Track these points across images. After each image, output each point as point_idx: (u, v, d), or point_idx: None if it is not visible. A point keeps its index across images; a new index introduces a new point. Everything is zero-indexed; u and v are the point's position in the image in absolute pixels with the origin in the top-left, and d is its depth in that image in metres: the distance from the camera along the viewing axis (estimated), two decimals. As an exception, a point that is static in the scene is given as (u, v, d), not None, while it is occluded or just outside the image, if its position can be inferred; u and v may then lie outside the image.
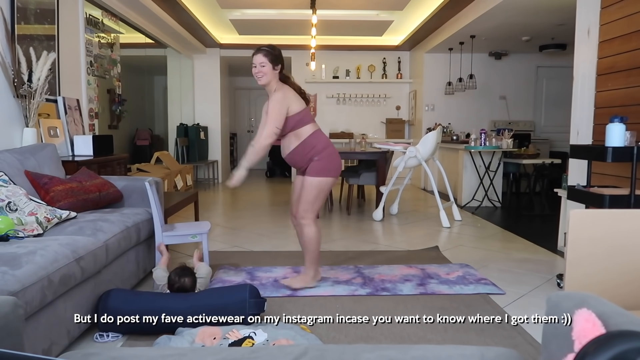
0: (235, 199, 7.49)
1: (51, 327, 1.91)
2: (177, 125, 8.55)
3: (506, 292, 2.89)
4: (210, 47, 8.54)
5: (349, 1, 6.19)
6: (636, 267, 1.59)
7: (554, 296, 1.10)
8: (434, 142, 5.23)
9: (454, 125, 8.13)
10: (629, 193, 2.65)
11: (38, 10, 3.62)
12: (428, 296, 2.82)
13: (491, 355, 0.92)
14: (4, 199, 2.33)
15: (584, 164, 3.14)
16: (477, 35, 6.74)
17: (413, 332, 2.31)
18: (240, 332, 2.09)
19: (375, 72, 8.88)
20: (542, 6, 5.17)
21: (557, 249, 3.88)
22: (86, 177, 3.05)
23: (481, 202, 6.04)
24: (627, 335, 0.76)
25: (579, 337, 0.85)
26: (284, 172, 10.29)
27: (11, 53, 3.20)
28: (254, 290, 2.32)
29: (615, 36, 3.29)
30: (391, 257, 3.68)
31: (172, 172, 6.46)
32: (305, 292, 2.87)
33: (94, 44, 4.88)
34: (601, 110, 3.46)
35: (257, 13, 6.76)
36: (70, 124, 3.98)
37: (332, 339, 2.23)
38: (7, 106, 3.19)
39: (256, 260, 3.60)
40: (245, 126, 11.98)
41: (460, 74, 7.68)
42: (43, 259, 1.88)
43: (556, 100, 8.10)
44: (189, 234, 2.99)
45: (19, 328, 1.12)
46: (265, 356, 0.93)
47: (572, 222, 1.61)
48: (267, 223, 5.15)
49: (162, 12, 6.05)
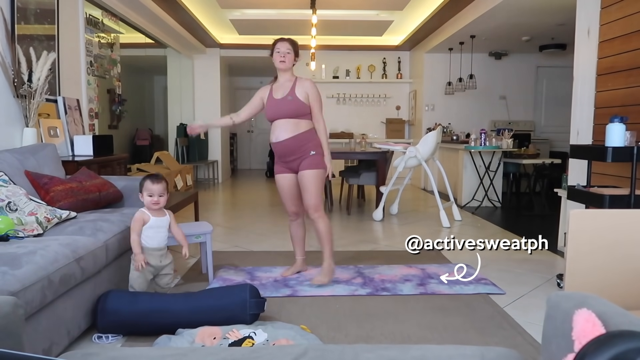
0: (235, 199, 7.49)
1: (51, 327, 1.91)
2: (177, 125, 8.55)
3: (506, 292, 2.89)
4: (210, 47, 8.53)
5: (349, 1, 6.19)
6: (636, 267, 1.59)
7: (554, 296, 1.10)
8: (434, 142, 5.23)
9: (454, 125, 8.12)
10: (629, 193, 2.65)
11: (38, 10, 3.62)
12: (428, 296, 2.82)
13: (491, 355, 0.92)
14: (4, 199, 2.33)
15: (584, 164, 3.13)
16: (477, 35, 6.74)
17: (413, 332, 2.31)
18: (240, 332, 2.09)
19: (375, 72, 8.89)
20: (542, 6, 5.17)
21: (557, 249, 3.88)
22: (86, 177, 3.05)
23: (481, 202, 6.04)
24: (627, 335, 0.76)
25: (579, 337, 0.85)
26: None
27: (11, 53, 3.20)
28: (254, 290, 2.32)
29: (615, 36, 3.29)
30: (391, 257, 3.69)
31: (172, 172, 6.45)
32: (305, 292, 2.87)
33: (94, 44, 4.88)
34: (601, 110, 3.46)
35: (257, 13, 6.76)
36: (70, 124, 3.98)
37: (332, 339, 2.22)
38: (7, 106, 3.19)
39: (256, 260, 3.60)
40: (245, 126, 11.97)
41: (460, 74, 7.68)
42: (43, 259, 1.88)
43: (556, 100, 8.10)
44: (192, 235, 2.98)
45: (19, 328, 1.12)
46: (265, 356, 0.93)
47: (572, 222, 1.61)
48: (267, 223, 5.15)
49: (162, 12, 6.05)
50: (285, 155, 3.00)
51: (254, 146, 11.98)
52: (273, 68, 3.07)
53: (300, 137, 2.95)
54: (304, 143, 2.95)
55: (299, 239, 3.25)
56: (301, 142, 2.95)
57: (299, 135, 2.94)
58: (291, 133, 2.94)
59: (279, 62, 2.97)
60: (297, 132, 2.94)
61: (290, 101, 2.95)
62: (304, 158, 2.96)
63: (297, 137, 2.94)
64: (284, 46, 2.98)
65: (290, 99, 2.95)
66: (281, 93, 3.00)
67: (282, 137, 2.95)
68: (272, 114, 3.01)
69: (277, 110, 2.98)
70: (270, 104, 3.03)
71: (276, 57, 2.99)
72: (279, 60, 2.97)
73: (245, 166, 12.03)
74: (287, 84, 3.01)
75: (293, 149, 2.95)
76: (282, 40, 3.01)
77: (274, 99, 3.01)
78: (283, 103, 2.96)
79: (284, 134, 2.95)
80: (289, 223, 3.25)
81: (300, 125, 2.96)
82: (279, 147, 2.98)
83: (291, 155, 2.97)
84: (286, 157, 3.00)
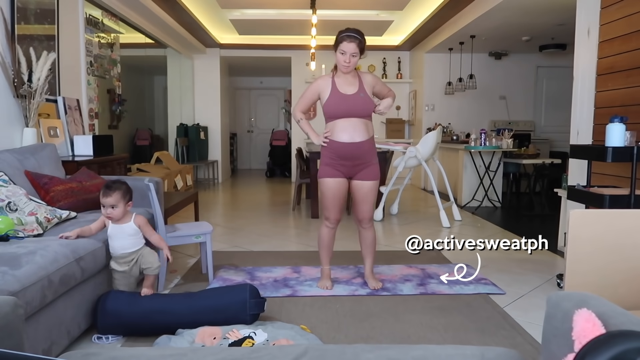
0: (235, 199, 7.49)
1: (51, 327, 1.91)
2: (177, 125, 8.55)
3: (506, 292, 2.89)
4: (210, 47, 8.53)
5: (349, 1, 6.19)
6: (636, 267, 1.59)
7: (554, 296, 1.10)
8: (434, 142, 5.23)
9: (454, 125, 8.12)
10: (629, 193, 2.65)
11: (38, 10, 3.62)
12: (428, 296, 2.82)
13: (491, 355, 0.92)
14: (4, 199, 2.33)
15: (584, 164, 3.13)
16: (477, 35, 6.74)
17: (413, 332, 2.31)
18: (240, 332, 2.09)
19: (376, 72, 8.88)
20: (542, 6, 5.16)
21: (557, 249, 3.88)
22: (86, 177, 3.05)
23: (481, 202, 6.04)
24: (627, 335, 0.76)
25: (579, 337, 0.85)
26: (284, 172, 10.28)
27: (11, 53, 3.19)
28: (254, 290, 2.32)
29: (615, 36, 3.29)
30: (391, 257, 3.69)
31: (172, 172, 6.45)
32: (305, 292, 2.87)
33: (94, 44, 4.88)
34: (601, 110, 3.46)
35: (257, 13, 6.76)
36: (70, 124, 3.98)
37: (332, 338, 2.23)
38: (7, 106, 3.19)
39: (256, 260, 3.60)
40: (246, 126, 11.98)
41: (460, 74, 7.68)
42: (43, 259, 1.88)
43: (556, 100, 8.10)
44: (192, 235, 2.98)
45: (19, 328, 1.12)
46: (265, 356, 0.93)
47: (572, 222, 1.61)
48: (267, 223, 5.15)
49: (162, 12, 6.05)
50: (354, 158, 2.76)
51: (254, 146, 11.98)
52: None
53: (371, 141, 2.79)
54: (372, 148, 2.81)
55: (331, 248, 2.98)
56: (371, 147, 2.80)
57: (371, 140, 2.78)
58: (366, 135, 2.75)
59: (343, 65, 2.70)
60: (369, 135, 2.77)
61: (362, 98, 2.74)
62: (368, 166, 2.80)
63: (370, 140, 2.77)
64: (351, 48, 2.66)
65: (362, 95, 2.74)
66: (351, 89, 2.76)
67: (359, 139, 2.72)
68: (342, 110, 2.73)
69: (348, 108, 2.72)
70: (337, 99, 2.75)
71: (340, 59, 2.70)
72: (343, 63, 2.69)
73: (245, 166, 12.03)
74: (353, 80, 2.79)
75: (365, 152, 2.76)
76: (349, 39, 2.66)
77: (342, 94, 2.75)
78: (356, 100, 2.73)
79: (360, 135, 2.73)
80: (322, 230, 2.92)
81: (369, 128, 2.80)
82: (352, 148, 2.73)
83: (359, 159, 2.77)
84: (354, 160, 2.76)
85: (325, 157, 2.83)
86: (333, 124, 2.77)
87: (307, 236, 4.51)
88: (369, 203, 2.87)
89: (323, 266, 3.00)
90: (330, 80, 2.80)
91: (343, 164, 2.78)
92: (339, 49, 2.70)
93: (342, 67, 2.73)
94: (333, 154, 2.78)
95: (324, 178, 2.82)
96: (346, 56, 2.67)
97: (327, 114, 2.80)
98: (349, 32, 2.69)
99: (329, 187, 2.82)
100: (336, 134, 2.74)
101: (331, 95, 2.76)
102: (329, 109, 2.77)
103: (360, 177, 2.82)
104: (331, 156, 2.79)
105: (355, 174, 2.82)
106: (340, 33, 2.72)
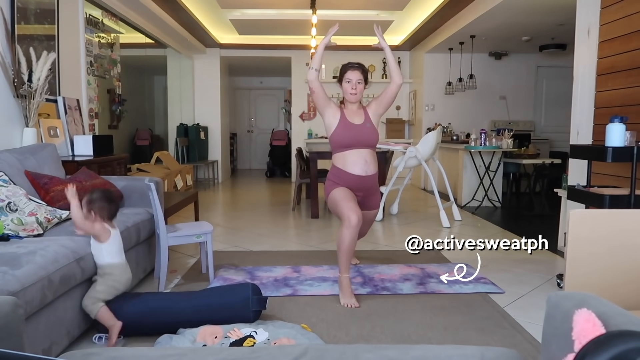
0: (235, 199, 7.49)
1: (51, 327, 1.91)
2: (177, 125, 8.55)
3: (506, 291, 2.89)
4: (210, 47, 8.53)
5: (349, 1, 6.19)
6: (636, 267, 1.59)
7: (554, 296, 1.10)
8: (434, 142, 5.23)
9: (454, 125, 8.12)
10: (629, 193, 2.65)
11: (38, 10, 3.62)
12: (428, 295, 2.82)
13: (491, 355, 0.92)
14: (4, 199, 2.33)
15: (584, 164, 3.13)
16: (477, 35, 6.74)
17: (413, 332, 2.31)
18: (242, 331, 2.10)
19: (376, 72, 8.88)
20: (542, 6, 5.16)
21: (557, 249, 3.88)
22: (86, 177, 3.05)
23: (481, 202, 6.04)
24: (627, 335, 0.76)
25: (579, 337, 0.85)
26: (284, 172, 10.28)
27: (11, 53, 3.20)
28: (256, 288, 2.33)
29: (615, 36, 3.29)
30: (391, 257, 3.69)
31: (172, 172, 6.45)
32: (305, 292, 2.87)
33: (94, 44, 4.88)
34: (601, 110, 3.46)
35: (257, 13, 6.76)
36: (70, 124, 3.98)
37: (333, 338, 2.23)
38: (7, 106, 3.19)
39: (256, 260, 3.60)
40: (245, 126, 11.98)
41: (460, 74, 7.68)
42: (43, 259, 1.88)
43: (556, 100, 8.09)
44: (193, 234, 2.98)
45: (19, 328, 1.12)
46: (265, 356, 0.93)
47: (572, 222, 1.61)
48: (267, 223, 5.15)
49: (162, 12, 6.05)
50: (365, 189, 2.83)
51: (254, 146, 11.98)
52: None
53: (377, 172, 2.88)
54: (377, 178, 2.91)
55: (352, 253, 2.81)
56: (377, 177, 2.90)
57: (377, 171, 2.87)
58: (375, 167, 2.83)
59: (350, 94, 2.78)
60: (376, 166, 2.85)
61: (369, 128, 2.79)
62: (373, 194, 2.93)
63: (377, 172, 2.87)
64: (356, 75, 2.77)
65: (369, 126, 2.80)
66: (358, 119, 2.81)
67: (371, 171, 2.80)
68: (352, 139, 2.76)
69: (359, 137, 2.76)
70: (347, 128, 2.78)
71: (346, 88, 2.79)
72: (350, 92, 2.78)
73: (245, 166, 12.03)
74: (359, 111, 2.86)
75: (374, 183, 2.88)
76: (353, 68, 2.79)
77: (351, 124, 2.78)
78: (364, 130, 2.77)
79: (372, 168, 2.80)
80: (343, 232, 2.63)
81: (375, 158, 2.86)
82: (365, 180, 2.78)
83: (368, 191, 2.87)
84: (365, 191, 2.84)
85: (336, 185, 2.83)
86: (343, 157, 2.81)
87: (307, 236, 4.52)
88: (368, 225, 3.08)
89: (342, 274, 2.68)
90: (340, 110, 2.87)
91: (355, 192, 2.84)
92: (344, 78, 2.81)
93: (349, 96, 2.81)
94: (345, 185, 2.80)
95: (334, 189, 2.81)
96: (352, 83, 2.78)
97: (335, 142, 2.83)
98: (350, 63, 2.84)
99: (339, 192, 2.77)
100: (349, 166, 2.78)
101: (340, 124, 2.80)
102: (338, 137, 2.80)
103: (366, 207, 2.92)
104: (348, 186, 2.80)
105: (362, 204, 2.87)
106: (342, 66, 2.86)
